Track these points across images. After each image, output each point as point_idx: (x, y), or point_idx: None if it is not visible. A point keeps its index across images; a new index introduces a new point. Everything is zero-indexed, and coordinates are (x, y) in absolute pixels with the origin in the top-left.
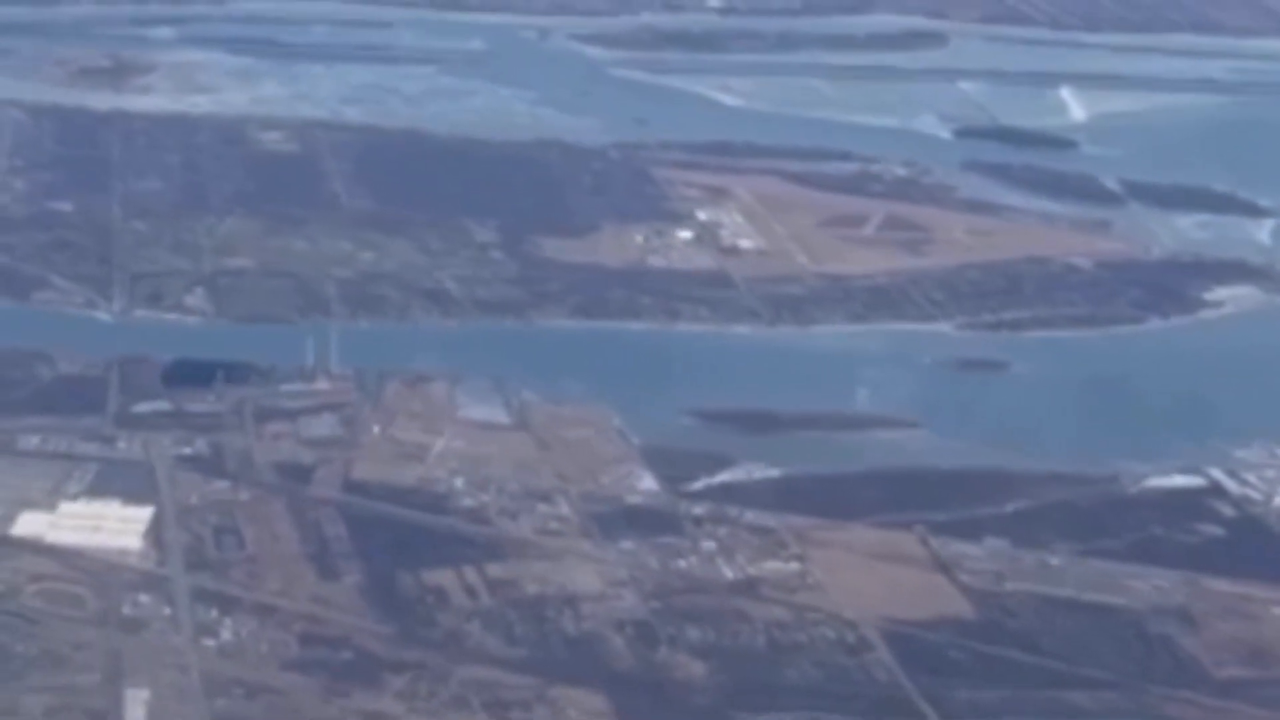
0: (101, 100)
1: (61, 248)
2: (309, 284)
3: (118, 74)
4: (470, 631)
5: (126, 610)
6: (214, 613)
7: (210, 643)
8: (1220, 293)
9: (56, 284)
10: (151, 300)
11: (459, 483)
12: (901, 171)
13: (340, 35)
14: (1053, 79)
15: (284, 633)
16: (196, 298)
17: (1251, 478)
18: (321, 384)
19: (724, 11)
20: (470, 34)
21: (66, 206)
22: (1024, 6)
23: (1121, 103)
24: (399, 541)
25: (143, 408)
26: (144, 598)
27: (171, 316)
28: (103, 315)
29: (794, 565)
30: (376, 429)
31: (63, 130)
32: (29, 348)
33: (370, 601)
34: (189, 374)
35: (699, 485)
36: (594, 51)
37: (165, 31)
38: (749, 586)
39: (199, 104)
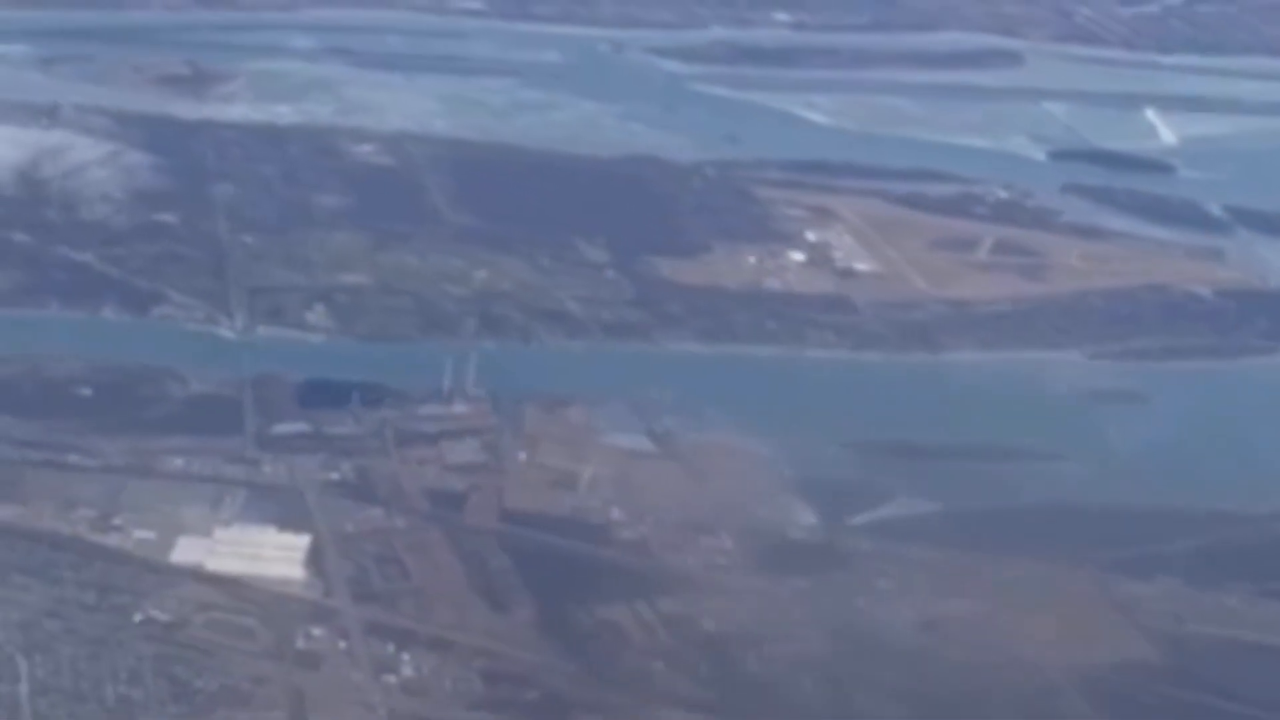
0: (186, 109)
1: (172, 261)
2: (427, 302)
3: (198, 82)
4: (655, 671)
5: (300, 644)
6: (390, 647)
7: (392, 679)
8: None
9: (174, 299)
10: (272, 316)
11: (615, 513)
12: (1003, 194)
13: (415, 45)
14: (1136, 100)
15: (465, 669)
16: (317, 314)
17: None
18: (459, 407)
19: (794, 26)
20: (544, 46)
21: (171, 218)
22: (1094, 26)
23: (1210, 126)
24: (564, 574)
25: (282, 429)
26: (316, 630)
27: (294, 333)
28: (225, 332)
29: (972, 605)
30: (522, 455)
31: (153, 139)
32: (157, 364)
33: (546, 637)
34: (324, 394)
35: (860, 519)
36: (672, 65)
37: (239, 38)
38: (930, 626)
39: (284, 114)
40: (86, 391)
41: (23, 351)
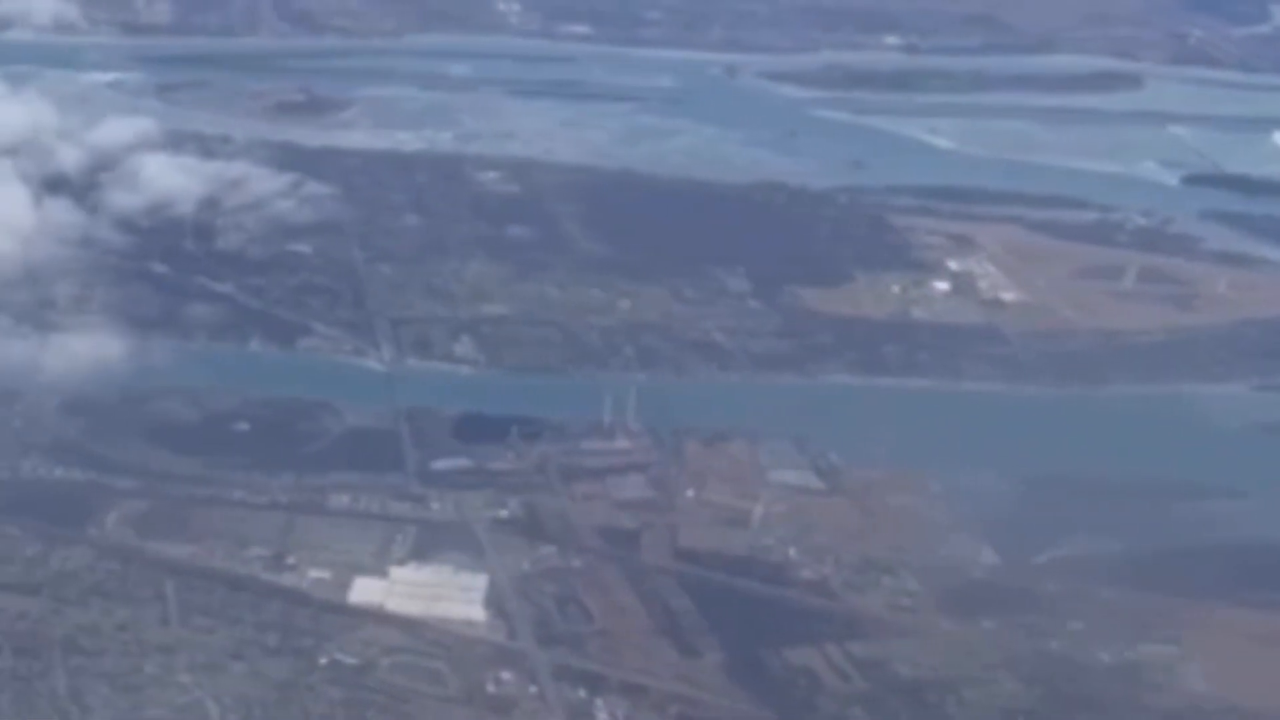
0: (307, 135)
1: (313, 292)
2: (573, 334)
3: (315, 109)
4: (855, 717)
5: (491, 688)
6: (581, 692)
7: None
8: None
9: (319, 331)
10: (420, 349)
11: (792, 552)
12: (1142, 220)
13: (526, 71)
14: (1263, 124)
15: (661, 715)
16: (464, 346)
17: None
18: (621, 442)
19: (906, 50)
20: (656, 71)
21: (305, 248)
22: (1207, 48)
23: None
24: (748, 616)
25: (443, 465)
26: (505, 675)
27: (443, 366)
28: (374, 364)
29: (1171, 648)
30: (690, 492)
31: (279, 166)
32: (310, 398)
33: (738, 682)
34: (482, 429)
35: (1043, 559)
36: (788, 91)
37: (348, 64)
38: (1130, 671)
39: (405, 141)
40: (244, 426)
41: (173, 384)
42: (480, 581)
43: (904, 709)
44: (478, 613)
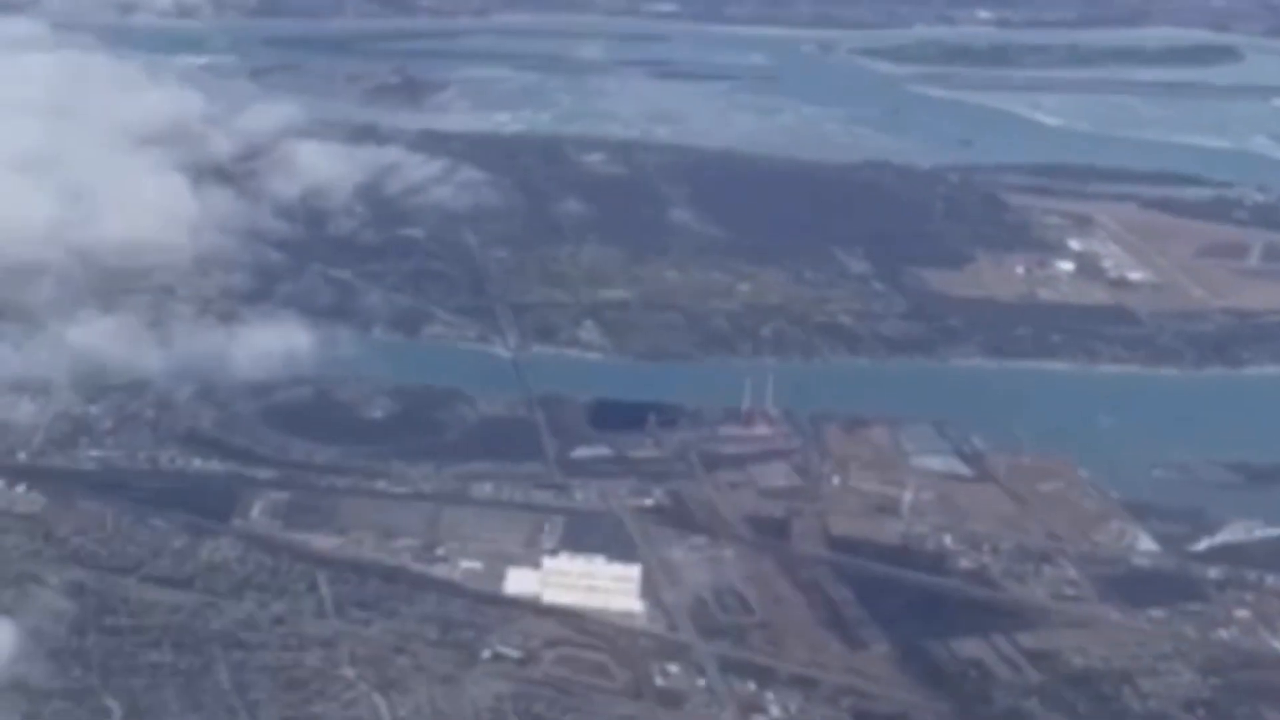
0: (408, 119)
1: (430, 278)
2: (697, 318)
3: (411, 91)
4: (1031, 710)
5: (659, 681)
6: (750, 685)
7: (760, 719)
8: None
9: (441, 317)
10: (544, 335)
11: (948, 540)
12: (1259, 196)
13: (616, 50)
14: None
15: (834, 709)
16: (589, 332)
17: None
18: (760, 429)
19: (999, 24)
20: (748, 48)
21: (417, 233)
22: None
23: None
24: (910, 606)
25: (582, 453)
26: (671, 667)
27: (571, 352)
28: (500, 351)
29: None
30: (836, 480)
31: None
32: (441, 386)
33: (908, 674)
34: (618, 416)
35: (1202, 546)
36: (883, 67)
37: (438, 46)
38: None
39: (504, 122)
40: (377, 414)
41: (305, 374)
42: (634, 572)
43: (1081, 700)
44: (634, 603)
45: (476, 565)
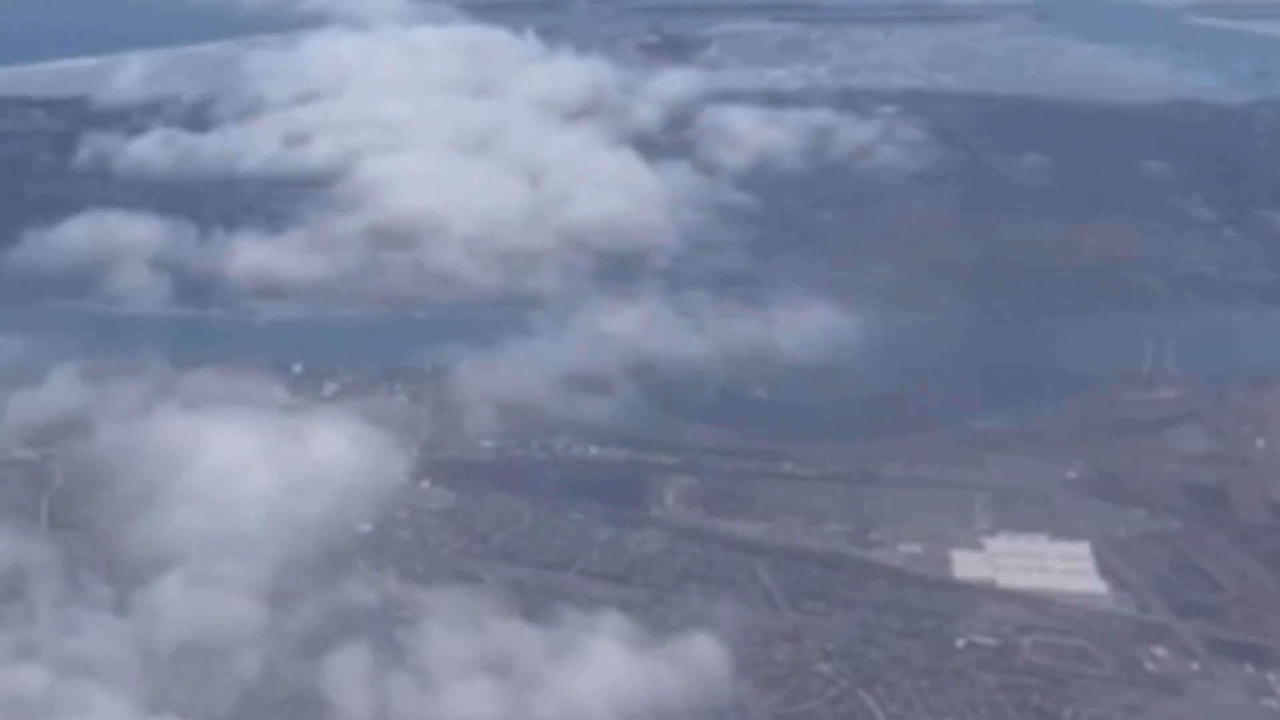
0: (685, 79)
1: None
2: (1046, 274)
3: (675, 48)
4: None
5: (1150, 666)
6: (1248, 667)
7: (1273, 703)
8: None
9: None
10: (889, 299)
11: None
12: None
13: None
14: None
15: None
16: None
17: None
18: (1164, 391)
19: None
20: None
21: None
22: None
23: None
24: None
25: (982, 424)
26: (1158, 651)
27: (914, 315)
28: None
29: None
30: (1261, 442)
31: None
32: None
33: None
34: (1008, 382)
35: None
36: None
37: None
38: None
39: (782, 78)
40: (761, 393)
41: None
42: (1083, 550)
43: None
44: (1096, 584)
45: (916, 549)
